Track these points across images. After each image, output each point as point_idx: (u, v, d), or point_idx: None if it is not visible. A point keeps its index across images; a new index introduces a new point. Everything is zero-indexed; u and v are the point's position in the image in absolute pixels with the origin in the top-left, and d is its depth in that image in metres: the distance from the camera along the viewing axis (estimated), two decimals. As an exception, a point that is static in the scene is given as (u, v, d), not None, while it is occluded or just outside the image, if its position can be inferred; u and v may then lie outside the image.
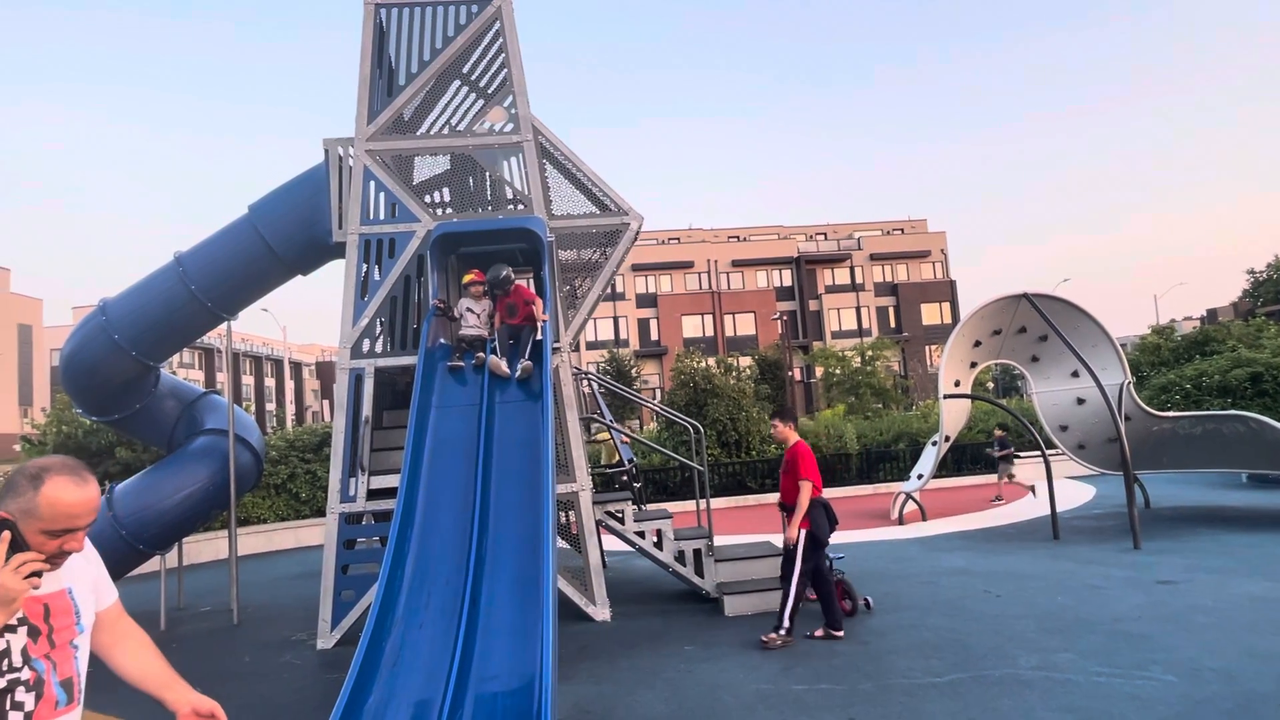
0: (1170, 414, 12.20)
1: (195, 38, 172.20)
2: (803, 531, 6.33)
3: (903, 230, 64.19)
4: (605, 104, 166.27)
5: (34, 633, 1.93)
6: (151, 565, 9.54)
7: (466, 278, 7.60)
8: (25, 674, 1.90)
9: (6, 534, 1.82)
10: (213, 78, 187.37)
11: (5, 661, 1.87)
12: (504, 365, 6.85)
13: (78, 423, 14.49)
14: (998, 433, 15.08)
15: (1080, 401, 12.03)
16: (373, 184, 8.25)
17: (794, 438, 6.65)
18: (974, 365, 12.94)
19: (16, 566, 1.81)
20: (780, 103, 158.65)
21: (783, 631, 6.28)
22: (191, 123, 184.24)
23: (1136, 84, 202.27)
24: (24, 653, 1.90)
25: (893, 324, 53.95)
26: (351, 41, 8.66)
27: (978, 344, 12.35)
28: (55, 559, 1.94)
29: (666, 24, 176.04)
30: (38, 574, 1.85)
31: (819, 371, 39.76)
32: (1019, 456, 15.74)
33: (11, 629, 1.88)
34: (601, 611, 7.53)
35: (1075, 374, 11.80)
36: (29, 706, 1.89)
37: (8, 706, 1.87)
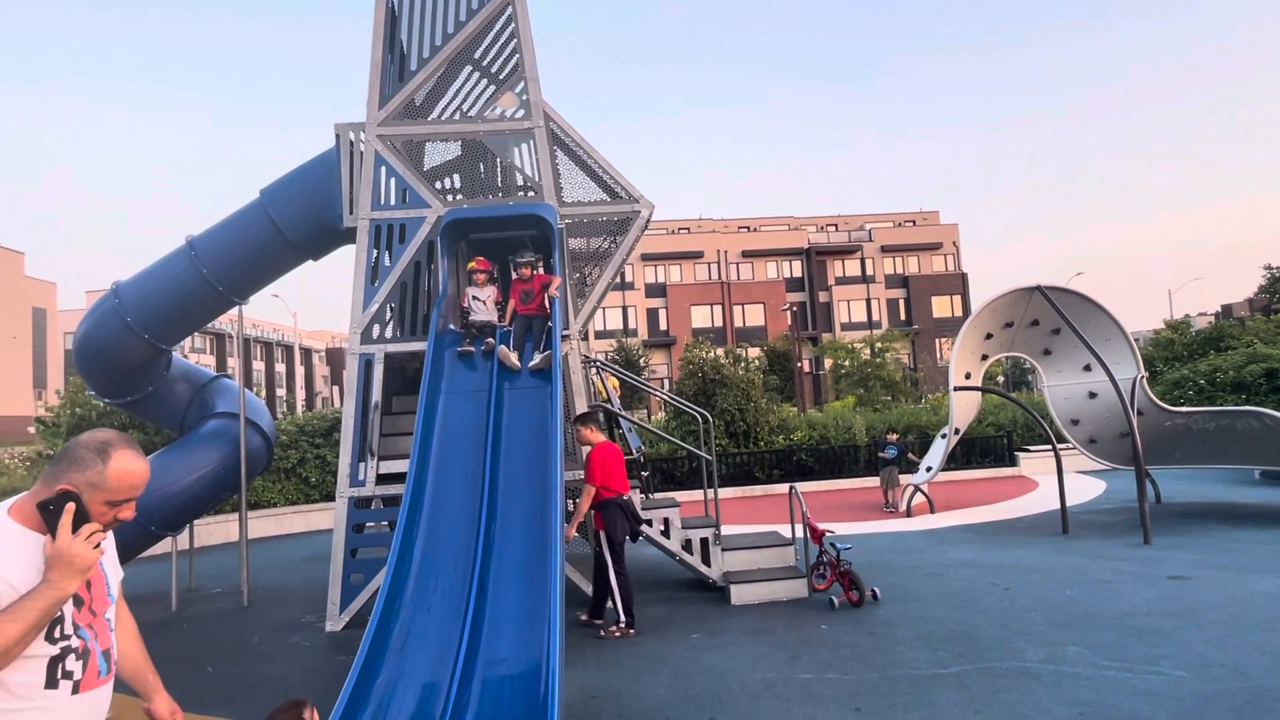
0: (1183, 409, 12.10)
1: (210, 26, 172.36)
2: (602, 533, 6.75)
3: (914, 222, 63.69)
4: (616, 96, 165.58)
5: (79, 602, 1.97)
6: (163, 547, 9.62)
7: (470, 264, 7.60)
8: (74, 641, 1.94)
9: (71, 505, 1.88)
10: (226, 66, 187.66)
11: (59, 628, 1.91)
12: (514, 357, 6.84)
13: (91, 405, 14.62)
14: (891, 436, 14.12)
15: (1092, 395, 11.94)
16: (384, 169, 8.23)
17: (597, 439, 6.95)
18: (985, 358, 12.85)
19: (87, 536, 1.88)
20: (792, 93, 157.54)
21: (623, 624, 6.62)
22: (204, 108, 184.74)
23: (1152, 80, 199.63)
24: (73, 621, 1.95)
25: (903, 316, 53.67)
26: (364, 30, 8.64)
27: (989, 336, 12.26)
28: (106, 529, 2.00)
29: (676, 16, 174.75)
30: (99, 544, 1.94)
31: (828, 363, 39.62)
32: (911, 461, 14.21)
33: None
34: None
35: (1088, 368, 11.70)
36: (77, 675, 1.94)
37: (59, 674, 1.90)
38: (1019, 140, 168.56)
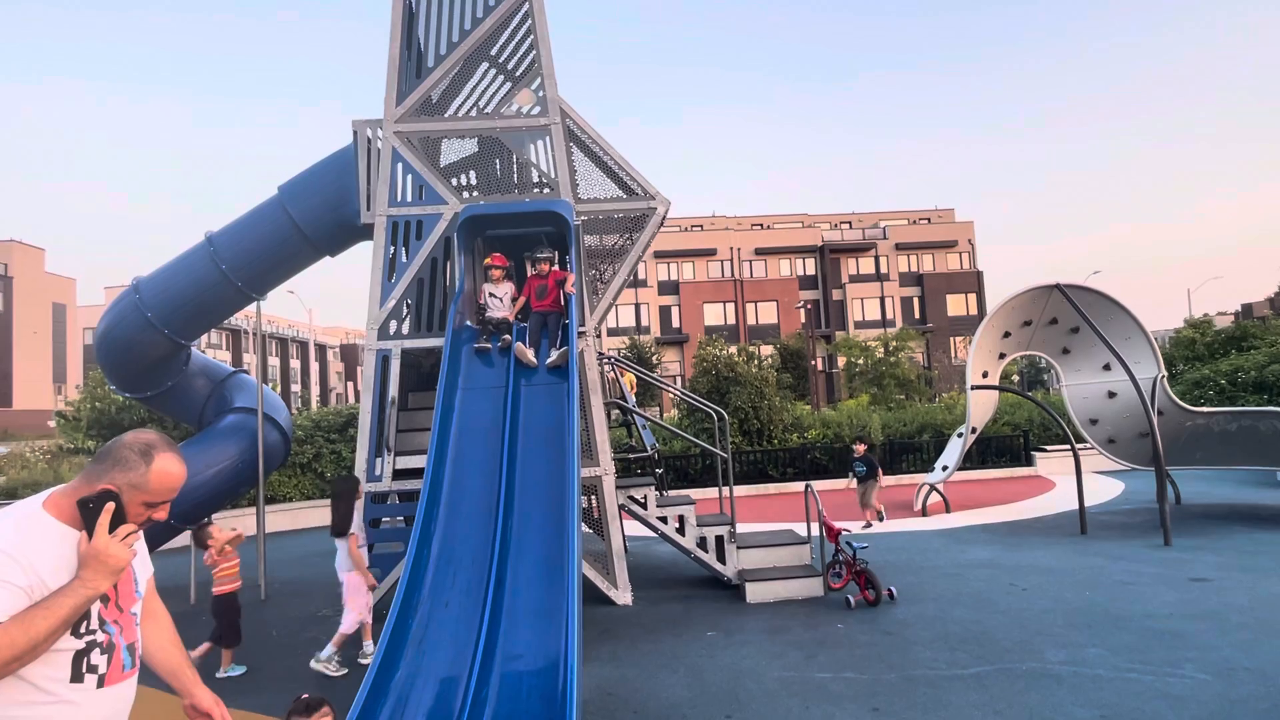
0: (1204, 409, 11.94)
1: (232, 25, 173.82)
2: None
3: (929, 219, 63.24)
4: (627, 95, 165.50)
5: (104, 598, 1.99)
6: (181, 540, 9.73)
7: (487, 261, 7.62)
8: (100, 636, 1.96)
9: (111, 505, 1.91)
10: (246, 64, 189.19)
11: (85, 623, 1.93)
12: (530, 354, 6.84)
13: (111, 399, 14.77)
14: (859, 448, 11.82)
15: (1111, 395, 11.81)
16: (400, 166, 8.26)
17: None
18: (1003, 356, 12.74)
19: (123, 537, 1.92)
20: (806, 91, 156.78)
21: None
22: (224, 106, 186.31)
23: (1174, 75, 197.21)
24: (99, 616, 1.97)
25: (917, 315, 53.30)
26: (383, 28, 8.67)
27: (1007, 335, 12.15)
28: (139, 528, 2.03)
29: (688, 17, 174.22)
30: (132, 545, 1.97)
31: (841, 361, 39.43)
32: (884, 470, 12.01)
33: None
34: (623, 595, 7.55)
35: (1107, 367, 11.58)
36: (102, 669, 1.96)
37: (84, 669, 1.93)
38: (1036, 137, 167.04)
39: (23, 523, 1.92)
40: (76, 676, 1.90)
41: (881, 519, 11.78)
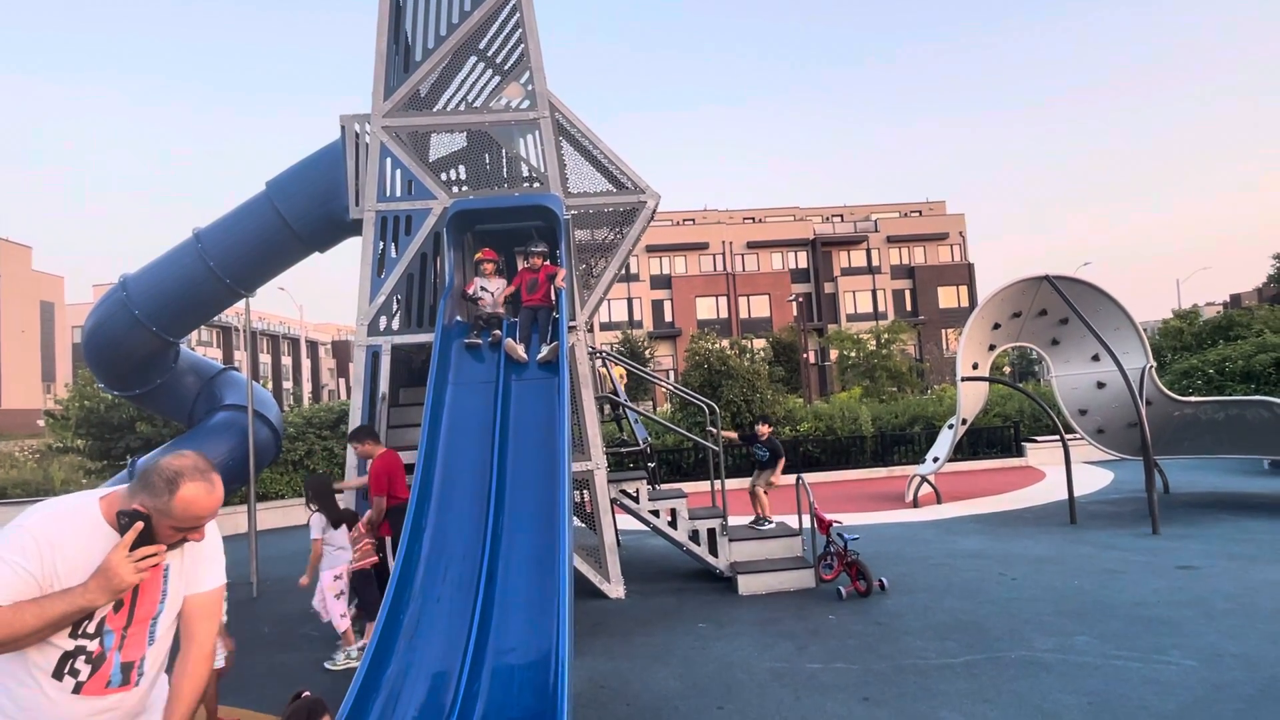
0: (1192, 399, 12.04)
1: (216, 18, 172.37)
2: (388, 539, 6.46)
3: (920, 212, 63.35)
4: (619, 87, 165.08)
5: (118, 604, 1.97)
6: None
7: (478, 255, 7.60)
8: (91, 645, 1.94)
9: (139, 525, 1.92)
10: (233, 58, 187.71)
11: (84, 626, 1.92)
12: (520, 349, 6.82)
13: (100, 398, 14.69)
14: (763, 430, 9.27)
15: (1100, 385, 11.88)
16: (389, 161, 8.21)
17: (377, 451, 6.67)
18: (993, 348, 12.80)
19: (139, 559, 1.91)
20: (797, 83, 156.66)
21: None
22: (211, 102, 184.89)
23: (1163, 67, 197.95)
24: (101, 623, 1.95)
25: (909, 307, 53.45)
26: (369, 22, 8.61)
27: (997, 326, 12.21)
28: (174, 547, 2.02)
29: (675, 6, 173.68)
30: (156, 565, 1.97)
31: (834, 354, 39.54)
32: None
33: None
34: (616, 589, 7.57)
35: (1096, 358, 11.64)
36: (82, 677, 1.94)
37: (66, 670, 1.92)
38: (1027, 129, 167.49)
39: (65, 514, 1.94)
40: (58, 674, 1.91)
41: (767, 523, 8.61)
